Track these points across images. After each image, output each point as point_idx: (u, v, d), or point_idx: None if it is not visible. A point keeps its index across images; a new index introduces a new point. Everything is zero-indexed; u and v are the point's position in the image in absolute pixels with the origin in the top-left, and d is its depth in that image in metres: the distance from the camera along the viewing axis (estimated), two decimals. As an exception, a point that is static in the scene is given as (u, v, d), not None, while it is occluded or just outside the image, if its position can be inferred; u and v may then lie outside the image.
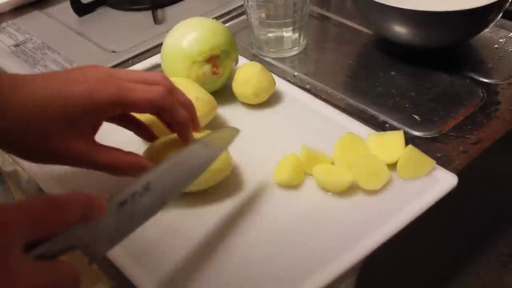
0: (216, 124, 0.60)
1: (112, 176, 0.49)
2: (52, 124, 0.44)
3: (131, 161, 0.48)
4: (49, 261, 0.32)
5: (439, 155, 0.56)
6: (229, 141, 0.51)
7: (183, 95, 0.50)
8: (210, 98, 0.59)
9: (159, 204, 0.43)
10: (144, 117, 0.54)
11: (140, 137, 0.54)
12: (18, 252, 0.30)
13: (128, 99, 0.45)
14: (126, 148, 0.49)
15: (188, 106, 0.50)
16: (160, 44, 0.65)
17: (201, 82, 0.61)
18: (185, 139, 0.50)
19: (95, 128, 0.48)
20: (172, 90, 0.49)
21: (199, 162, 0.47)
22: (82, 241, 0.36)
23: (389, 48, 0.72)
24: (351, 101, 0.64)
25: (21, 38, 0.80)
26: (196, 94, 0.56)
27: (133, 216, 0.40)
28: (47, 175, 0.56)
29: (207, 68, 0.61)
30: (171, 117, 0.48)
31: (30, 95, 0.43)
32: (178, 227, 0.50)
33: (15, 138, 0.44)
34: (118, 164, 0.47)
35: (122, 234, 0.40)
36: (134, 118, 0.53)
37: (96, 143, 0.48)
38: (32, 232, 0.31)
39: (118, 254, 0.47)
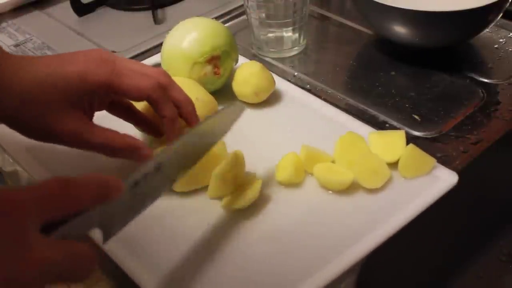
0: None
1: (116, 174, 0.49)
2: (47, 102, 0.46)
3: (126, 141, 0.49)
4: (66, 241, 0.33)
5: (439, 155, 0.56)
6: (235, 118, 0.52)
7: (181, 92, 0.51)
8: (210, 98, 0.59)
9: (169, 183, 0.45)
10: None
11: (148, 133, 0.55)
12: (34, 230, 0.31)
13: (120, 84, 0.47)
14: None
15: (184, 102, 0.51)
16: (160, 44, 0.65)
17: (202, 82, 0.61)
18: (168, 135, 0.51)
19: (92, 109, 0.50)
20: (167, 85, 0.50)
21: (206, 141, 0.49)
22: (98, 221, 0.36)
23: (389, 48, 0.72)
24: (351, 101, 0.64)
25: (21, 38, 0.80)
26: (196, 95, 0.56)
27: (145, 195, 0.41)
28: (48, 175, 0.56)
29: (208, 68, 0.61)
30: (159, 110, 0.49)
31: (32, 73, 0.46)
32: (179, 226, 0.50)
33: (15, 114, 0.47)
34: (112, 144, 0.49)
35: (134, 213, 0.41)
36: (142, 115, 0.54)
37: (91, 123, 0.49)
38: (47, 212, 0.32)
39: (119, 252, 0.47)
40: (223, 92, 0.64)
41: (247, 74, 0.61)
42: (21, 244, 0.30)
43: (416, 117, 0.61)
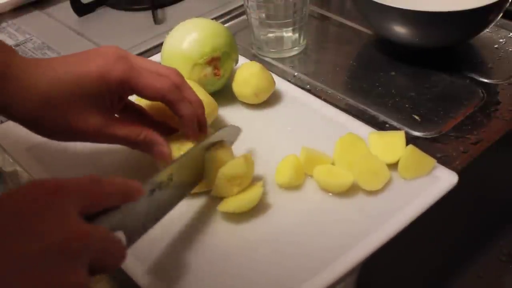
0: (216, 124, 0.60)
1: (116, 174, 0.50)
2: (68, 100, 0.46)
3: (146, 136, 0.50)
4: (104, 227, 0.36)
5: (439, 155, 0.56)
6: (233, 140, 0.54)
7: (193, 93, 0.51)
8: (211, 100, 0.59)
9: (180, 195, 0.47)
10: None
11: (158, 132, 0.54)
12: (78, 213, 0.34)
13: (137, 82, 0.48)
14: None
15: (196, 104, 0.51)
16: (160, 44, 0.65)
17: (203, 83, 0.61)
18: (189, 134, 0.51)
19: (113, 105, 0.50)
20: (181, 85, 0.50)
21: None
22: (122, 224, 0.38)
23: (389, 48, 0.72)
24: (351, 101, 0.64)
25: (21, 38, 0.80)
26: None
27: (160, 204, 0.44)
28: (48, 175, 0.56)
29: (208, 70, 0.61)
30: (176, 110, 0.49)
31: (51, 72, 0.46)
32: (179, 227, 0.50)
33: (36, 114, 0.47)
34: (134, 138, 0.49)
35: (152, 221, 0.43)
36: (153, 118, 0.54)
37: (112, 118, 0.50)
38: (84, 201, 0.35)
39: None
40: (223, 93, 0.64)
41: (247, 75, 0.61)
42: (67, 218, 0.33)
43: (416, 117, 0.61)
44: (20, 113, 0.47)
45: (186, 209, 0.51)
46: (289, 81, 0.67)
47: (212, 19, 0.66)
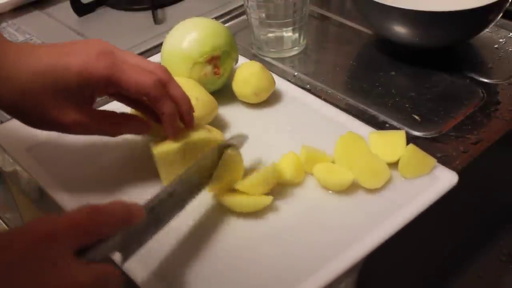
0: (216, 123, 0.60)
1: (115, 177, 0.50)
2: (48, 93, 0.46)
3: (124, 119, 0.51)
4: (95, 264, 0.35)
5: (439, 155, 0.56)
6: (240, 146, 0.53)
7: (179, 89, 0.51)
8: (211, 99, 0.59)
9: (179, 208, 0.47)
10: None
11: (149, 118, 0.54)
12: (69, 256, 0.34)
13: (120, 79, 0.47)
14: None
15: (182, 100, 0.50)
16: (160, 44, 0.65)
17: (202, 82, 0.61)
18: (169, 132, 0.51)
19: (93, 97, 0.50)
20: (166, 82, 0.49)
21: (213, 167, 0.50)
22: (119, 244, 0.39)
23: (389, 48, 0.72)
24: (351, 101, 0.64)
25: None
26: (196, 95, 0.56)
27: (159, 219, 0.44)
28: (48, 175, 0.56)
29: (208, 69, 0.61)
30: (157, 107, 0.49)
31: (32, 63, 0.46)
32: (179, 226, 0.50)
33: (16, 104, 0.47)
34: (113, 128, 0.51)
35: (150, 235, 0.43)
36: (143, 99, 0.53)
37: (91, 111, 0.50)
38: (79, 239, 0.35)
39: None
40: (223, 92, 0.64)
41: (247, 74, 0.61)
42: (59, 269, 0.33)
43: (416, 117, 0.61)
44: (3, 101, 0.47)
45: (186, 209, 0.51)
46: (289, 80, 0.67)
47: (212, 19, 0.65)
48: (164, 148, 0.51)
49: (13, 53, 0.46)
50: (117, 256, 0.40)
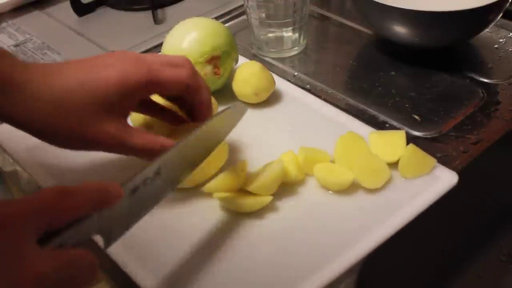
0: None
1: (116, 178, 0.49)
2: (84, 108, 0.44)
3: (163, 143, 0.48)
4: (65, 250, 0.33)
5: (439, 155, 0.56)
6: (237, 119, 0.52)
7: (203, 79, 0.51)
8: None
9: (169, 187, 0.44)
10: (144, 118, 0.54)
11: (166, 122, 0.54)
12: (31, 243, 0.31)
13: (160, 80, 0.47)
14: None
15: (207, 89, 0.51)
16: (160, 44, 0.65)
17: (202, 82, 0.61)
18: (201, 120, 0.51)
19: (128, 111, 0.49)
20: (196, 71, 0.50)
21: (209, 142, 0.48)
22: (97, 227, 0.36)
23: (389, 48, 0.72)
24: (351, 101, 0.64)
25: (21, 38, 0.80)
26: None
27: (145, 200, 0.41)
28: (48, 175, 0.56)
29: (208, 69, 0.61)
30: (198, 96, 0.49)
31: (62, 81, 0.44)
32: (180, 226, 0.50)
33: (48, 125, 0.44)
34: (151, 146, 0.47)
35: (135, 218, 0.41)
36: (158, 104, 0.53)
37: (129, 126, 0.48)
38: (43, 223, 0.32)
39: (119, 252, 0.47)
40: (223, 92, 0.64)
41: (247, 74, 0.61)
42: (15, 260, 0.30)
43: (416, 117, 0.61)
44: (32, 124, 0.44)
45: (185, 208, 0.51)
46: (289, 80, 0.67)
47: (212, 19, 0.65)
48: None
49: (40, 73, 0.44)
50: (99, 240, 0.38)
